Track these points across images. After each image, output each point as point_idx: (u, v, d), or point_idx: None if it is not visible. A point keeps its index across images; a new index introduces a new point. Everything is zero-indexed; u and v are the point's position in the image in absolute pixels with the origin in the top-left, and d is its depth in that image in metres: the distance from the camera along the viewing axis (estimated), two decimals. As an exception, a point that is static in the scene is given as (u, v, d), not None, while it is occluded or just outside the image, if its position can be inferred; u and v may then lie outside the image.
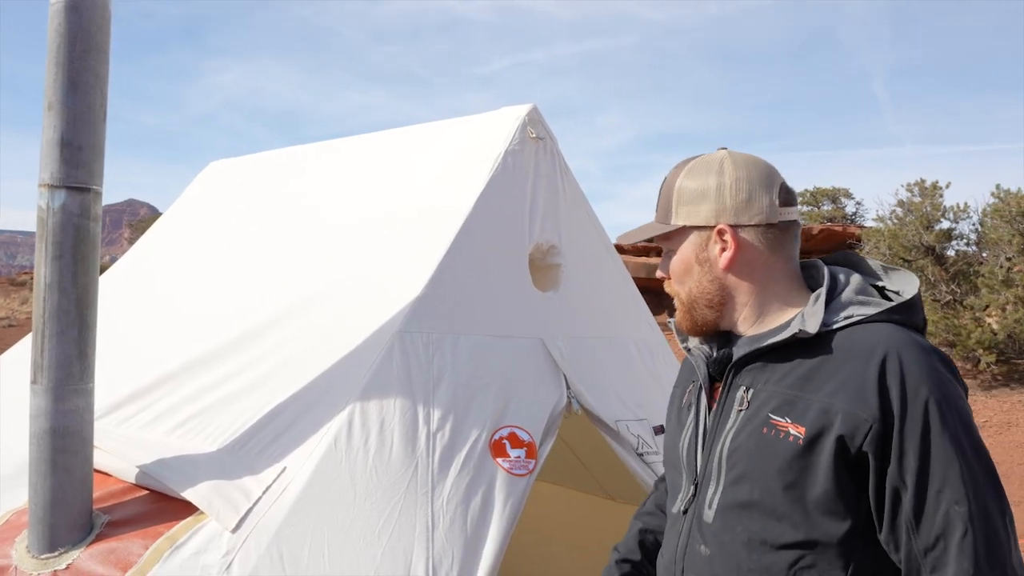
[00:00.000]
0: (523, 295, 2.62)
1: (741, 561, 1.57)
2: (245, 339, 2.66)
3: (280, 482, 2.22)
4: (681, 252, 1.71)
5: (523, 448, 2.37)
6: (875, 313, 1.58)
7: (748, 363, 1.65)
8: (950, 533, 1.44)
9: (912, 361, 1.49)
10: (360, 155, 3.28)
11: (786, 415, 1.54)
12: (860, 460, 1.48)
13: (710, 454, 1.65)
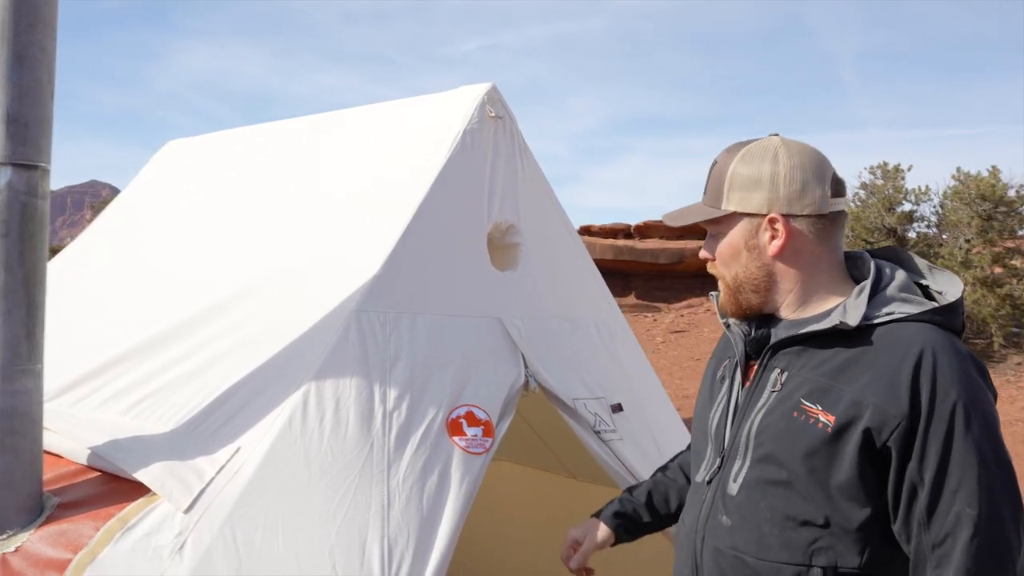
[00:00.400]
0: (481, 274, 2.61)
1: (762, 535, 1.63)
2: (200, 319, 2.64)
3: (234, 462, 2.20)
4: (730, 237, 1.75)
5: (480, 427, 2.37)
6: (917, 312, 1.61)
7: (786, 346, 1.69)
8: (959, 533, 1.48)
9: (946, 364, 1.53)
10: (318, 134, 3.25)
11: (818, 402, 1.59)
12: (884, 453, 1.53)
13: (739, 429, 1.71)
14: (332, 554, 2.10)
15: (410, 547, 2.15)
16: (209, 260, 2.96)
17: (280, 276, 2.64)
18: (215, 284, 2.75)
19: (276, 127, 3.57)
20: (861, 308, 1.62)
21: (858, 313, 1.61)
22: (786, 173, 1.68)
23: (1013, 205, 14.95)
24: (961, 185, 15.24)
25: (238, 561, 2.07)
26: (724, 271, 1.78)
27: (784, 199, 1.68)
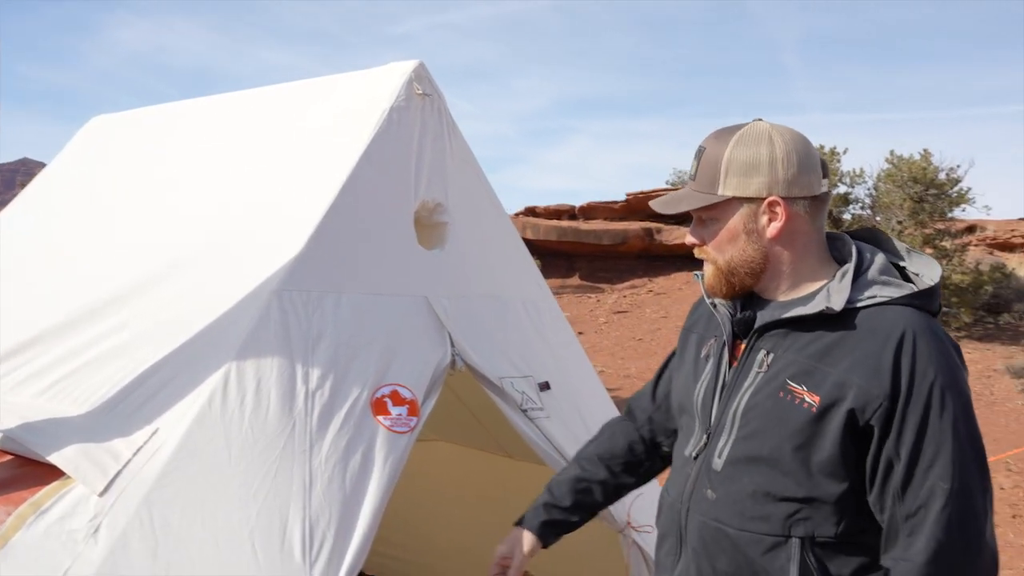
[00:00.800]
0: (408, 253, 2.59)
1: (744, 508, 1.70)
2: (120, 299, 2.58)
3: (152, 444, 2.16)
4: (729, 222, 1.76)
5: (405, 406, 2.36)
6: (898, 296, 1.67)
7: (772, 328, 1.74)
8: (931, 504, 1.56)
9: (925, 346, 1.60)
10: (244, 111, 3.18)
11: (803, 383, 1.65)
12: (866, 431, 1.60)
13: (726, 407, 1.77)
14: (252, 535, 2.08)
15: (332, 527, 2.14)
16: (129, 239, 2.89)
17: (201, 255, 2.59)
18: (135, 263, 2.69)
19: (204, 103, 3.49)
20: (845, 292, 1.67)
21: (842, 298, 1.66)
22: (783, 156, 1.72)
23: (943, 188, 15.35)
24: (894, 168, 15.60)
25: (155, 543, 2.04)
26: (717, 255, 1.79)
27: (783, 182, 1.71)
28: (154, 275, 2.58)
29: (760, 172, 1.72)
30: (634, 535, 2.78)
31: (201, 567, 2.04)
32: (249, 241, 2.54)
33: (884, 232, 1.88)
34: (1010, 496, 8.43)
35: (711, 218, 1.79)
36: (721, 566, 1.74)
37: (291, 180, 2.65)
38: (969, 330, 15.74)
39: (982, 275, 15.46)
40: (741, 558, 1.71)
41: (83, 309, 2.59)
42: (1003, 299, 16.35)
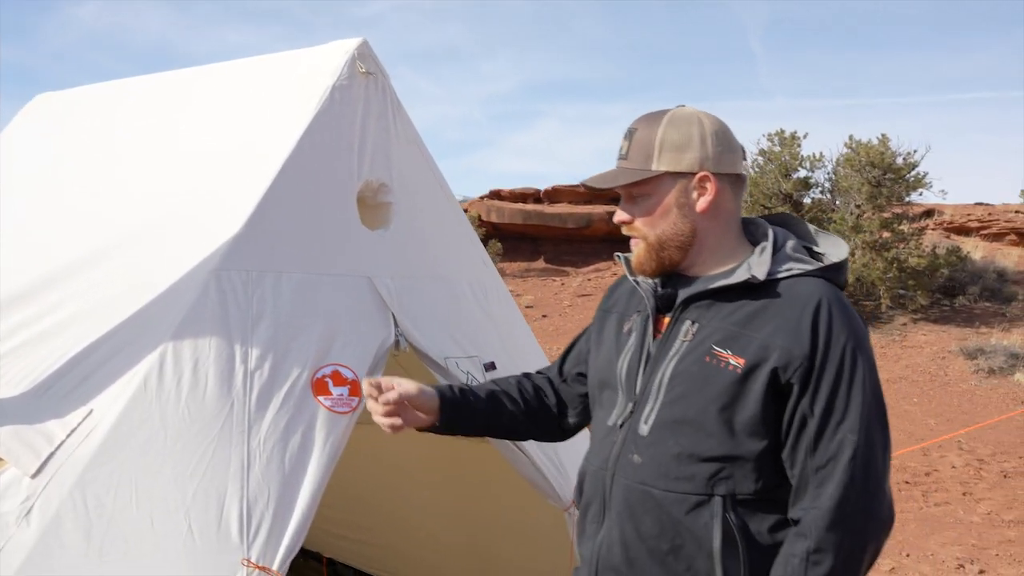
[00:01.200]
0: (351, 233, 2.57)
1: (669, 470, 1.81)
2: (56, 279, 2.53)
3: (86, 425, 2.14)
4: (660, 197, 1.86)
5: (346, 386, 2.36)
6: (812, 269, 1.83)
7: (696, 300, 1.86)
8: (840, 456, 1.71)
9: (838, 312, 1.76)
10: (187, 89, 3.13)
11: (728, 347, 1.77)
12: (786, 389, 1.74)
13: (651, 376, 1.87)
14: (188, 515, 2.07)
15: (270, 507, 2.13)
16: (68, 218, 2.84)
17: (141, 235, 2.55)
18: (73, 243, 2.65)
19: (148, 81, 3.44)
20: (766, 264, 1.82)
21: (764, 269, 1.81)
22: (711, 134, 1.85)
23: (901, 172, 15.55)
24: (852, 153, 15.77)
25: (88, 524, 2.03)
26: (648, 231, 1.89)
27: (712, 158, 1.84)
28: (91, 255, 2.54)
29: (692, 148, 1.84)
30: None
31: (136, 547, 2.03)
32: (188, 220, 2.51)
33: (795, 216, 2.03)
34: (961, 474, 8.62)
35: (643, 194, 1.88)
36: (645, 528, 1.84)
37: (232, 159, 2.61)
38: (925, 312, 16.01)
39: (938, 258, 15.72)
40: (666, 518, 1.81)
41: (18, 289, 2.54)
42: (958, 282, 16.64)
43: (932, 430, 10.52)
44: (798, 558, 1.71)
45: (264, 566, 2.05)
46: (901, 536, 6.59)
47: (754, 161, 17.13)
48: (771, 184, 16.41)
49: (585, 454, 2.10)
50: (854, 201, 15.66)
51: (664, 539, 1.82)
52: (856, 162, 15.49)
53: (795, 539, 1.74)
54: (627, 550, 1.87)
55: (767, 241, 1.88)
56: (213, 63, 3.21)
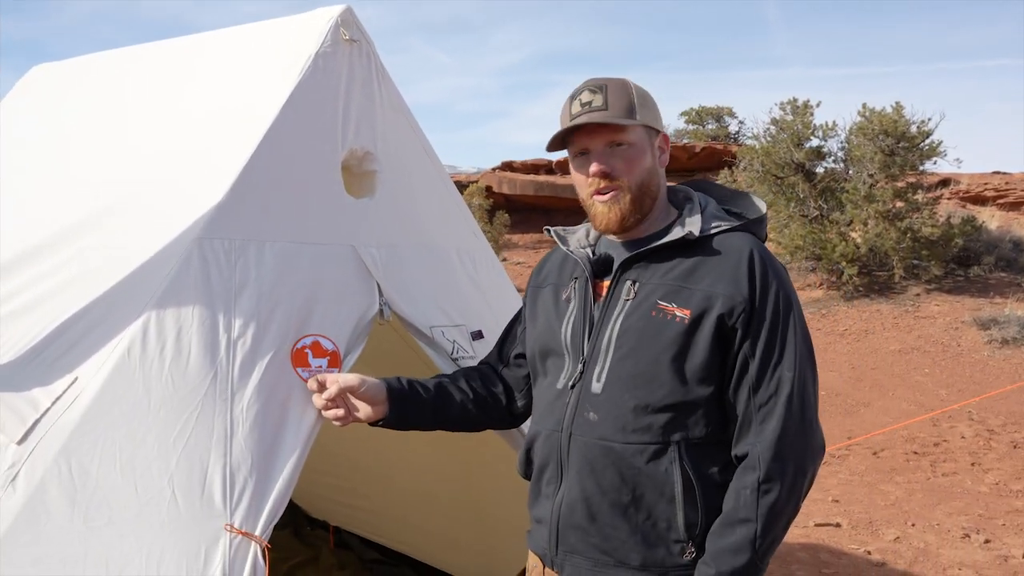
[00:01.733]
0: (335, 202, 2.56)
1: (626, 423, 1.92)
2: (42, 248, 2.54)
3: (70, 393, 2.16)
4: (640, 145, 1.99)
5: (326, 357, 2.36)
6: (738, 224, 2.00)
7: (634, 262, 1.99)
8: (779, 393, 1.86)
9: (768, 261, 1.93)
10: (173, 58, 3.12)
11: (672, 301, 1.91)
12: (731, 334, 1.88)
13: (598, 337, 1.98)
14: (172, 482, 2.09)
15: (253, 474, 2.15)
16: (55, 189, 2.85)
17: (125, 204, 2.56)
18: (59, 213, 2.66)
19: (138, 51, 3.42)
20: (698, 223, 1.98)
21: (698, 226, 1.97)
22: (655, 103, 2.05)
23: (915, 141, 15.37)
24: (866, 121, 15.58)
25: (73, 491, 2.05)
26: (629, 179, 1.99)
27: (661, 122, 2.06)
28: (77, 224, 2.55)
29: (655, 110, 2.04)
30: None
31: (120, 514, 2.05)
32: (172, 189, 2.51)
33: (711, 181, 2.21)
34: (971, 444, 8.59)
35: (627, 143, 1.99)
36: (607, 482, 1.93)
37: (216, 127, 2.61)
38: (939, 283, 15.89)
39: (953, 228, 15.56)
40: (627, 470, 1.91)
41: (7, 259, 2.56)
42: (973, 252, 16.48)
43: (943, 400, 10.48)
44: (748, 489, 1.84)
45: (247, 531, 2.07)
46: (907, 506, 6.60)
47: (766, 130, 16.97)
48: (783, 154, 16.25)
49: (531, 421, 2.19)
50: (867, 171, 15.51)
51: (625, 491, 1.92)
52: (869, 131, 15.33)
53: (743, 472, 1.87)
54: (589, 506, 1.95)
55: (692, 203, 2.05)
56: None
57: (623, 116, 1.97)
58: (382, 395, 2.22)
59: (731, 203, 2.12)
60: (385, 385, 2.23)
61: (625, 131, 1.97)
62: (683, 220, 2.01)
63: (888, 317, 14.70)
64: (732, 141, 27.37)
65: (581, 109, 1.98)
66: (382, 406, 2.23)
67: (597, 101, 1.97)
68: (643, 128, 2.00)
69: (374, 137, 2.68)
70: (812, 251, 15.46)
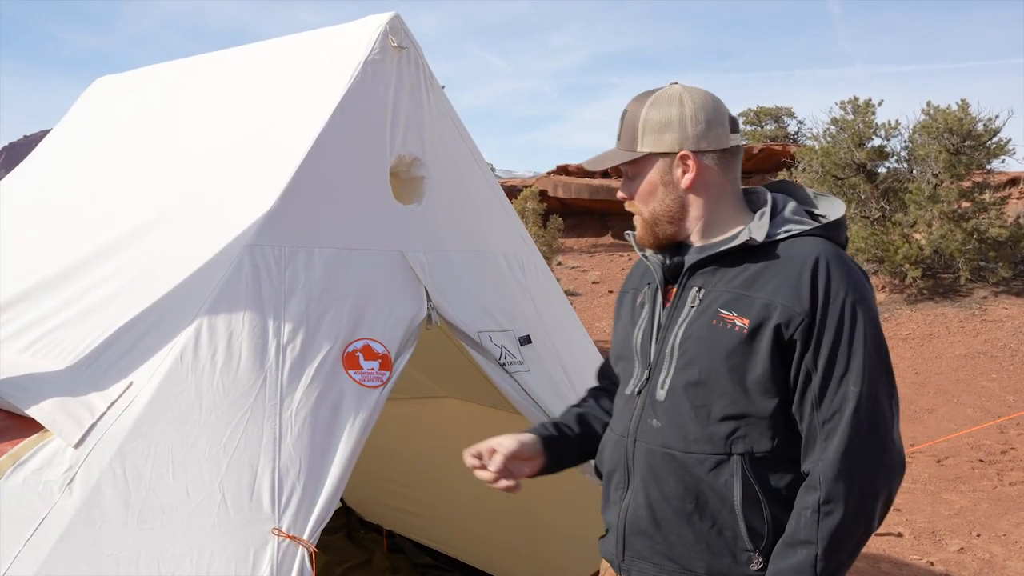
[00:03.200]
0: (383, 208, 2.58)
1: (688, 431, 1.88)
2: (100, 255, 2.62)
3: (125, 397, 2.21)
4: (648, 176, 1.97)
5: (377, 360, 2.38)
6: (809, 228, 1.90)
7: (701, 267, 1.95)
8: (844, 409, 1.76)
9: (836, 268, 1.82)
10: (229, 69, 3.18)
11: (733, 309, 1.84)
12: (790, 346, 1.79)
13: (663, 343, 1.96)
14: (222, 486, 2.13)
15: (301, 479, 2.17)
16: (115, 197, 2.92)
17: (179, 212, 2.61)
18: (116, 221, 2.72)
19: (195, 61, 3.50)
20: (765, 227, 1.89)
21: (763, 231, 1.88)
22: (692, 115, 1.93)
23: (981, 139, 14.90)
24: (930, 119, 15.16)
25: (127, 493, 2.10)
26: (642, 208, 2.00)
27: (692, 137, 1.93)
28: (132, 232, 2.61)
29: (672, 129, 1.94)
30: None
31: (172, 516, 2.09)
32: (224, 197, 2.56)
33: (794, 183, 2.10)
34: (1038, 450, 8.30)
35: (635, 174, 2.01)
36: (669, 489, 1.91)
37: (266, 135, 2.65)
38: (1008, 285, 15.38)
39: (1022, 228, 15.05)
40: (688, 478, 1.88)
41: (67, 266, 2.64)
42: (1043, 253, 15.92)
43: (1010, 407, 10.14)
44: (810, 510, 1.77)
45: (295, 535, 2.09)
46: (972, 516, 6.40)
47: (826, 131, 16.63)
48: (843, 154, 15.90)
49: (608, 427, 2.17)
50: (931, 170, 15.09)
51: (688, 499, 1.89)
52: (934, 129, 14.91)
53: (806, 492, 1.80)
54: (653, 512, 1.94)
55: (766, 207, 1.96)
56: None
57: (627, 146, 1.98)
58: (538, 447, 2.19)
59: (815, 205, 2.03)
60: (539, 438, 2.20)
61: (632, 163, 1.99)
62: (750, 225, 1.94)
63: (953, 321, 14.29)
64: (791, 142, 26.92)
65: None
66: (539, 459, 2.19)
67: (617, 130, 2.02)
68: (653, 155, 1.95)
69: (422, 143, 2.69)
70: (874, 253, 15.09)
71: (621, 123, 2.01)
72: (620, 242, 24.11)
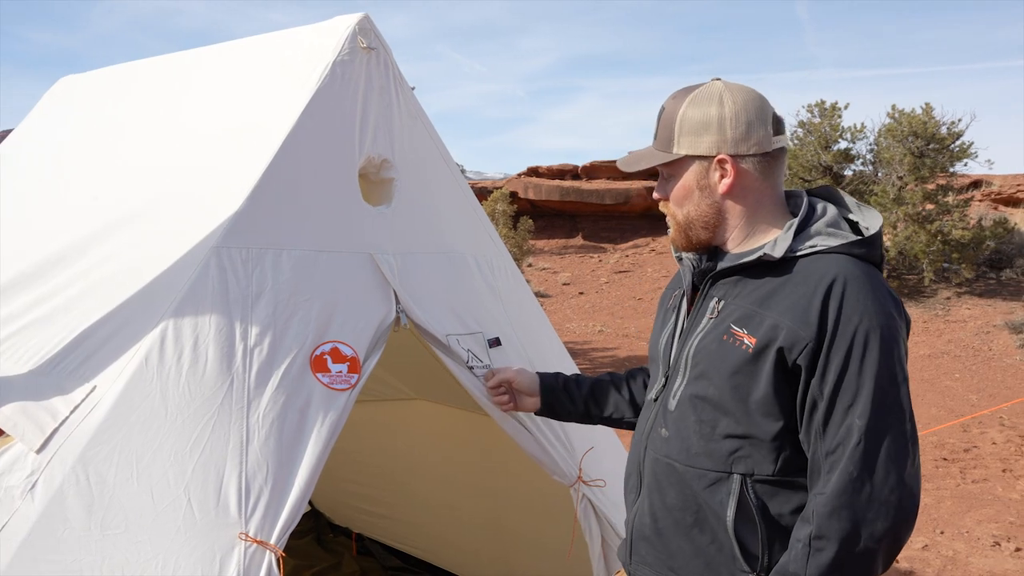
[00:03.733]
0: (352, 209, 2.56)
1: (691, 445, 1.85)
2: (64, 259, 2.57)
3: (88, 401, 2.17)
4: (683, 179, 1.89)
5: (345, 363, 2.36)
6: (836, 245, 1.78)
7: (725, 276, 1.87)
8: (847, 442, 1.67)
9: (854, 291, 1.69)
10: (194, 68, 3.15)
11: (744, 326, 1.78)
12: (795, 371, 1.72)
13: (681, 351, 1.92)
14: (188, 490, 2.10)
15: (268, 483, 2.15)
16: (79, 199, 2.88)
17: (143, 213, 2.58)
18: (82, 222, 2.68)
19: (160, 61, 3.46)
20: (787, 241, 1.79)
21: (783, 246, 1.78)
22: (732, 116, 1.82)
23: (945, 142, 15.17)
24: (895, 123, 15.40)
25: (90, 499, 2.06)
26: (676, 210, 1.92)
27: (731, 140, 1.83)
28: (97, 233, 2.57)
29: (710, 131, 1.83)
30: (585, 489, 2.79)
31: (136, 522, 2.06)
32: (190, 197, 2.53)
33: (838, 189, 1.98)
34: (1001, 451, 8.46)
35: (671, 175, 1.92)
36: (670, 500, 1.88)
37: (234, 136, 2.62)
38: (970, 286, 15.67)
39: (984, 230, 15.34)
40: (687, 492, 1.84)
41: (30, 269, 2.59)
42: (1005, 255, 16.26)
43: (973, 406, 10.32)
44: (801, 543, 1.69)
45: (262, 540, 2.07)
46: (936, 513, 6.50)
47: (793, 133, 16.83)
48: (810, 156, 16.12)
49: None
50: (896, 173, 15.33)
51: (688, 512, 1.86)
52: (899, 132, 15.16)
53: (801, 524, 1.72)
54: (656, 521, 1.92)
55: (795, 219, 1.85)
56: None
57: (663, 147, 1.89)
58: (535, 387, 2.44)
59: (856, 214, 1.91)
60: (539, 381, 2.45)
61: (668, 164, 1.91)
62: (777, 238, 1.83)
63: (918, 321, 14.51)
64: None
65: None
66: (537, 397, 2.45)
67: (654, 128, 1.94)
68: (690, 158, 1.87)
69: (391, 144, 2.68)
70: (840, 255, 15.28)
71: (658, 121, 1.91)
72: (590, 243, 24.22)
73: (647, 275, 20.32)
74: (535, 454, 2.72)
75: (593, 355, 13.81)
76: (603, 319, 16.88)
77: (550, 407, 2.45)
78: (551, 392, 2.43)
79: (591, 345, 14.62)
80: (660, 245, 22.86)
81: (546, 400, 2.44)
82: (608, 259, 22.54)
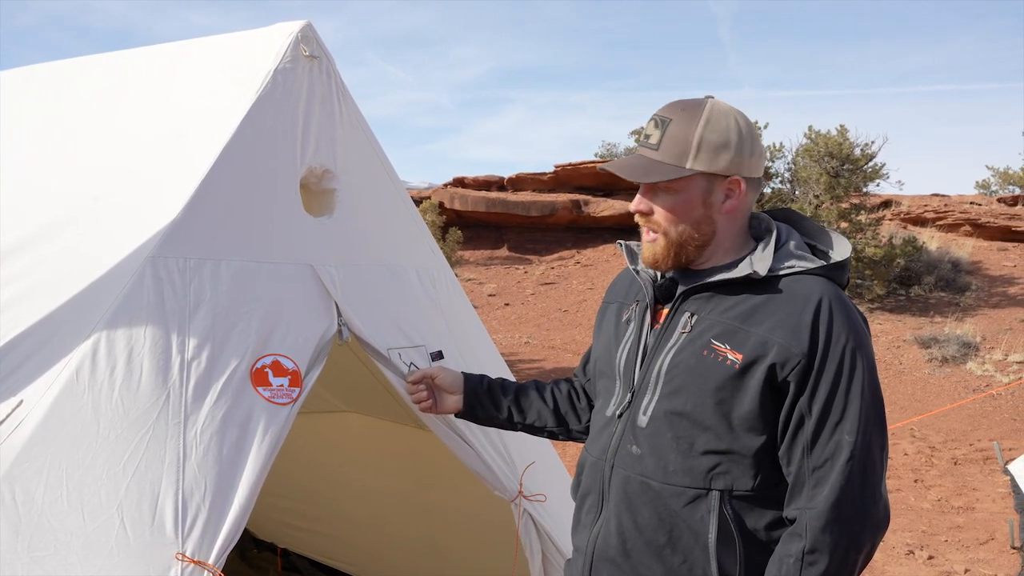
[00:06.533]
0: (293, 220, 2.51)
1: (668, 461, 1.83)
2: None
3: (15, 417, 2.07)
4: (688, 194, 1.85)
5: (287, 376, 2.31)
6: (814, 267, 1.83)
7: (696, 292, 1.87)
8: (837, 457, 1.71)
9: (839, 311, 1.76)
10: (129, 70, 3.05)
11: (726, 342, 1.78)
12: (783, 387, 1.74)
13: (649, 367, 1.89)
14: (121, 509, 2.02)
15: (207, 501, 2.09)
16: (4, 203, 2.75)
17: (76, 220, 2.47)
18: (8, 228, 2.56)
19: (91, 61, 3.34)
20: (768, 260, 1.82)
21: (766, 265, 1.81)
22: (748, 139, 1.86)
23: (858, 163, 15.74)
24: (811, 143, 15.92)
25: (17, 519, 1.97)
26: (669, 227, 1.88)
27: (746, 163, 1.86)
28: (24, 242, 2.46)
29: (728, 151, 1.83)
30: (526, 504, 2.79)
31: (66, 543, 1.97)
32: (125, 205, 2.44)
33: (798, 212, 2.03)
34: (913, 461, 8.78)
35: (670, 190, 1.86)
36: (643, 519, 1.85)
37: (171, 143, 2.54)
38: (881, 302, 16.25)
39: (895, 248, 15.94)
40: (663, 510, 1.83)
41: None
42: (914, 272, 16.92)
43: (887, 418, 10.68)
44: (793, 558, 1.71)
45: (199, 560, 2.01)
46: (853, 522, 6.69)
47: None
48: (732, 174, 16.53)
49: (584, 444, 2.12)
50: (813, 191, 15.83)
51: (661, 531, 1.83)
52: (815, 152, 15.66)
53: (790, 539, 1.74)
54: (624, 541, 1.88)
55: (771, 237, 1.88)
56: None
57: (673, 160, 1.83)
58: (459, 386, 2.37)
59: (817, 239, 1.95)
60: (463, 381, 2.38)
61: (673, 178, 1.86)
62: (753, 256, 1.86)
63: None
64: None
65: (638, 143, 1.92)
66: (459, 396, 2.38)
67: (654, 138, 1.86)
68: (702, 175, 1.84)
69: (334, 155, 2.64)
70: (759, 270, 15.70)
71: (662, 132, 1.85)
72: (516, 255, 24.29)
73: (572, 287, 20.49)
74: (476, 468, 2.71)
75: (519, 367, 13.84)
76: (529, 331, 16.95)
77: (471, 409, 2.40)
78: (474, 394, 2.37)
79: (517, 356, 14.65)
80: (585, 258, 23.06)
81: (468, 401, 2.39)
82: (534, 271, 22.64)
